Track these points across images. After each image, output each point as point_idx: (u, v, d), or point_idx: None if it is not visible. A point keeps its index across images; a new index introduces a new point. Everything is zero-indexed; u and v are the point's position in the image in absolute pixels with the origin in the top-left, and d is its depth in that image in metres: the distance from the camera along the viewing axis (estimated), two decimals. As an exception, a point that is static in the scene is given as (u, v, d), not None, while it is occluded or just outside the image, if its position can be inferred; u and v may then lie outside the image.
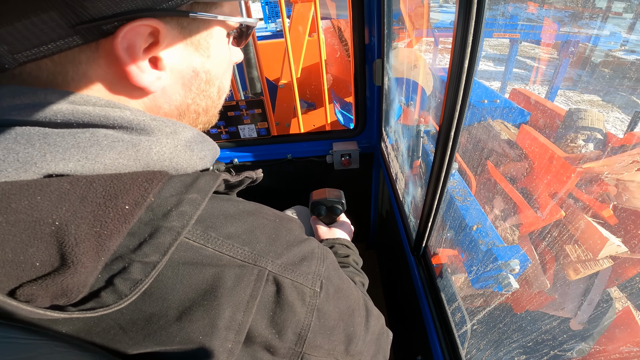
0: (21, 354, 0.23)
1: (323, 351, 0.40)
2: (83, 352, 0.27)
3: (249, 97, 2.08)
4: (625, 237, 0.97)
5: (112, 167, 0.29)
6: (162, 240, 0.27)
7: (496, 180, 1.32)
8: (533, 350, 1.04)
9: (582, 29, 4.35)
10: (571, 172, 1.08)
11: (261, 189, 1.65)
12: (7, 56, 0.26)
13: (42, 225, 0.23)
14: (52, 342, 0.26)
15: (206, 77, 0.37)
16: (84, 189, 0.25)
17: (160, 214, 0.28)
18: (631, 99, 5.02)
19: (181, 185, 0.31)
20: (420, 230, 0.87)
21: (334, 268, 0.43)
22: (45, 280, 0.23)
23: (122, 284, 0.26)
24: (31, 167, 0.25)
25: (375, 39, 1.24)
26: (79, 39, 0.27)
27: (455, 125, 0.60)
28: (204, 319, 0.29)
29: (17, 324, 0.26)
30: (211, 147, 0.39)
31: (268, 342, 0.34)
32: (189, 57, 0.34)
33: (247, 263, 0.32)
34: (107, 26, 0.27)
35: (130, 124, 0.30)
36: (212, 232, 0.31)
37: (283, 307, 0.34)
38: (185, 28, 0.32)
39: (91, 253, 0.25)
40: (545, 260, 1.12)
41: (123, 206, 0.26)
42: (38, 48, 0.26)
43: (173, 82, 0.34)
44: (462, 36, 0.50)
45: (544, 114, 1.52)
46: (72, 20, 0.26)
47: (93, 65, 0.29)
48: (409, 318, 1.12)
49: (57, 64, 0.28)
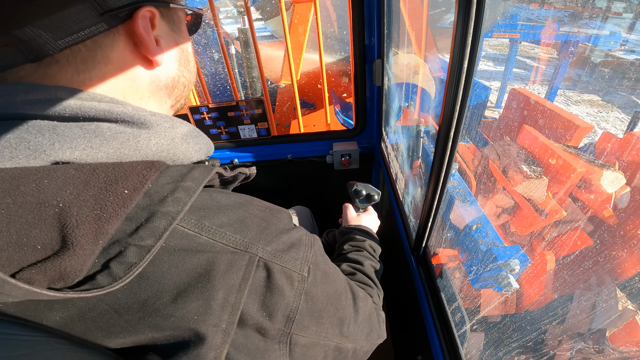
0: (21, 350, 0.24)
1: (311, 332, 0.42)
2: (82, 349, 0.28)
3: (249, 97, 2.08)
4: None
5: (114, 156, 0.31)
6: (158, 224, 0.29)
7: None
8: (533, 350, 1.04)
9: (581, 29, 4.35)
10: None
11: (261, 189, 1.66)
12: (51, 43, 0.30)
13: (46, 207, 0.25)
14: (51, 339, 0.26)
15: (185, 53, 0.44)
16: (87, 174, 0.27)
17: (157, 199, 0.30)
18: (631, 98, 5.02)
19: (177, 174, 0.33)
20: (420, 230, 0.87)
21: (321, 254, 0.46)
22: (45, 264, 0.24)
23: (117, 267, 0.27)
24: (40, 155, 0.28)
25: (375, 39, 1.24)
26: (105, 25, 0.32)
27: (455, 125, 0.60)
28: (199, 299, 0.31)
29: (18, 320, 0.26)
30: (206, 142, 0.43)
31: (259, 324, 0.36)
32: (173, 37, 0.41)
33: (239, 250, 0.35)
34: (123, 13, 0.33)
35: (132, 118, 0.34)
36: (206, 222, 0.34)
37: (273, 291, 0.37)
38: (165, 15, 0.39)
39: (90, 236, 0.26)
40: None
41: (122, 191, 0.28)
42: (77, 34, 0.31)
43: (170, 57, 0.41)
44: (461, 36, 0.50)
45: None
46: (99, 10, 0.31)
47: (115, 47, 0.34)
48: (409, 318, 1.12)
49: (88, 48, 0.32)
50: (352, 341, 0.50)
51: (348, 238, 0.78)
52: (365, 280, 0.64)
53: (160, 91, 0.41)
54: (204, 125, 1.42)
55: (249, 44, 1.86)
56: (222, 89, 3.68)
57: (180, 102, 0.46)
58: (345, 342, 0.48)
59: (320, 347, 0.44)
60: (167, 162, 0.35)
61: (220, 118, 1.40)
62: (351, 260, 0.69)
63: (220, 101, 1.38)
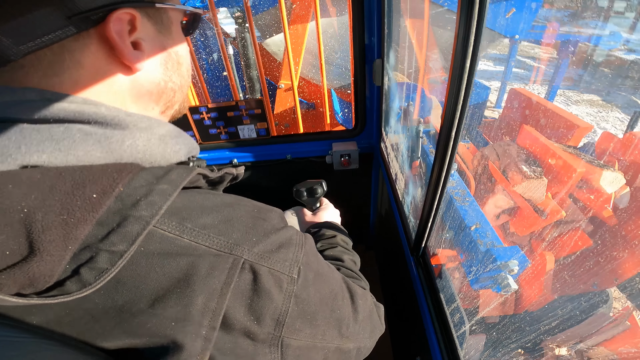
0: (10, 352, 0.24)
1: (304, 334, 0.40)
2: (74, 351, 0.27)
3: (248, 97, 2.08)
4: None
5: (84, 159, 0.30)
6: (130, 229, 0.28)
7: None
8: (531, 350, 1.04)
9: (582, 29, 4.34)
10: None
11: (261, 189, 1.65)
12: (12, 48, 0.28)
13: (11, 213, 0.24)
14: (41, 341, 0.26)
15: (176, 57, 0.41)
16: (53, 179, 0.27)
17: (129, 203, 0.29)
18: (631, 98, 5.02)
19: (152, 176, 0.32)
20: (420, 231, 0.87)
21: (313, 254, 0.44)
22: (13, 269, 0.24)
23: (88, 273, 0.27)
24: (7, 159, 0.27)
25: (375, 39, 1.24)
26: (73, 29, 0.30)
27: (456, 125, 0.60)
28: (177, 305, 0.30)
29: (8, 322, 0.26)
30: (187, 142, 0.41)
31: (247, 328, 0.35)
32: (160, 40, 0.39)
33: (222, 252, 0.33)
34: (96, 16, 0.31)
35: (104, 119, 0.32)
36: (187, 223, 0.32)
37: (260, 295, 0.35)
38: (152, 17, 0.37)
39: (58, 241, 0.25)
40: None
41: (90, 195, 0.27)
42: (40, 39, 0.29)
43: (152, 62, 0.38)
44: (463, 36, 0.50)
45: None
46: (67, 13, 0.29)
47: (85, 52, 0.32)
48: (408, 318, 1.12)
49: (55, 53, 0.31)
50: (354, 341, 0.48)
51: (317, 237, 0.75)
52: (350, 274, 0.62)
53: (143, 97, 0.39)
54: (203, 125, 1.42)
55: (249, 44, 1.86)
56: (221, 89, 3.67)
57: (174, 107, 0.44)
58: (347, 342, 0.47)
59: (318, 349, 0.43)
60: (144, 164, 0.34)
61: (220, 118, 1.40)
62: (329, 257, 0.66)
63: (219, 101, 1.38)
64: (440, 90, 1.37)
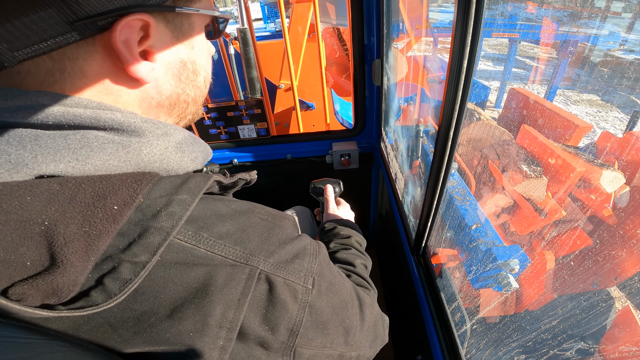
0: (22, 353, 0.24)
1: (316, 344, 0.40)
2: (84, 351, 0.27)
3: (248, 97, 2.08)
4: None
5: (102, 168, 0.29)
6: (152, 240, 0.28)
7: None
8: (532, 349, 1.04)
9: (581, 29, 4.35)
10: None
11: (261, 189, 1.65)
12: (6, 54, 0.26)
13: (32, 225, 0.24)
14: (53, 342, 0.26)
15: (192, 67, 0.38)
16: (72, 190, 0.26)
17: (150, 214, 0.29)
18: (630, 98, 5.02)
19: (171, 186, 0.31)
20: (420, 230, 0.87)
21: (326, 263, 0.44)
22: (36, 280, 0.24)
23: (112, 283, 0.26)
24: (22, 169, 0.26)
25: (374, 39, 1.24)
26: (76, 35, 0.28)
27: (455, 125, 0.60)
28: (195, 316, 0.30)
29: (18, 323, 0.26)
30: (203, 149, 0.40)
31: (262, 338, 0.35)
32: (176, 48, 0.35)
33: (238, 263, 0.33)
34: (103, 22, 0.28)
35: (121, 125, 0.31)
36: (204, 233, 0.32)
37: (275, 305, 0.35)
38: (170, 22, 0.34)
39: (80, 253, 0.25)
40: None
41: (112, 206, 0.26)
42: (38, 45, 0.26)
43: (164, 73, 0.35)
44: (461, 36, 0.50)
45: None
46: (70, 17, 0.27)
47: (89, 60, 0.30)
48: (408, 318, 1.12)
49: (55, 60, 0.28)
50: (356, 349, 0.48)
51: (332, 235, 0.75)
52: (360, 282, 0.62)
53: (153, 109, 0.37)
54: (203, 125, 1.42)
55: (249, 44, 1.85)
56: (221, 89, 3.67)
57: (187, 117, 0.42)
58: (349, 350, 0.47)
59: (325, 356, 0.43)
60: (161, 172, 0.33)
61: (220, 118, 1.40)
62: (341, 261, 0.66)
63: (219, 101, 1.38)
64: (438, 90, 1.37)
